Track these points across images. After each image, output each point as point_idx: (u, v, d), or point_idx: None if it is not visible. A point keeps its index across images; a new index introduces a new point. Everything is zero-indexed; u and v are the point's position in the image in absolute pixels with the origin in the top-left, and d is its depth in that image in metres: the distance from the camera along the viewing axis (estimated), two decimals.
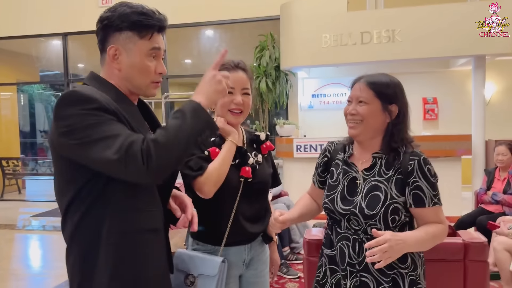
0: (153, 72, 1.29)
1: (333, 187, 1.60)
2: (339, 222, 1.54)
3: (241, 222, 1.65)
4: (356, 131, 1.53)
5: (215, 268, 1.54)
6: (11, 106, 9.70)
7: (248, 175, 1.66)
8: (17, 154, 9.47)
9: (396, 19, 5.82)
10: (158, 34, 1.29)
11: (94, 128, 1.11)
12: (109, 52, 1.26)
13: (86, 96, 1.14)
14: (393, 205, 1.45)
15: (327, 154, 1.70)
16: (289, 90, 6.85)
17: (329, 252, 1.60)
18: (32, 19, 8.05)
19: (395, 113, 1.51)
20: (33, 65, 9.98)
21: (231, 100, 1.66)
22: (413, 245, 1.40)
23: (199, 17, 7.37)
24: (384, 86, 1.51)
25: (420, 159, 1.47)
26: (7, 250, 5.42)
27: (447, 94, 7.64)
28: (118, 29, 1.25)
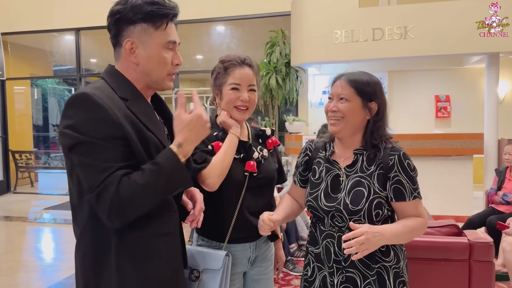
0: (169, 63, 1.29)
1: (316, 184, 1.62)
2: (323, 219, 1.56)
3: (246, 216, 1.66)
4: (337, 128, 1.56)
5: (219, 262, 1.55)
6: (25, 100, 9.83)
7: (253, 169, 1.66)
8: (30, 147, 9.60)
9: (408, 16, 5.75)
10: (171, 23, 1.29)
11: (87, 148, 1.12)
12: (126, 46, 1.25)
13: (94, 102, 1.13)
14: (377, 199, 1.48)
15: (308, 152, 1.72)
16: (299, 87, 6.83)
17: (315, 250, 1.62)
18: (46, 15, 8.14)
19: (375, 111, 1.55)
20: (46, 60, 10.09)
21: (238, 97, 1.66)
22: (390, 237, 1.43)
23: (210, 13, 7.37)
24: (365, 84, 1.55)
25: (400, 153, 1.51)
26: (18, 242, 5.51)
27: (460, 92, 7.53)
28: (131, 22, 1.23)
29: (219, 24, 8.28)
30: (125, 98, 1.22)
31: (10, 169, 8.83)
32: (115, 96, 1.20)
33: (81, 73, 8.49)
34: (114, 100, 1.18)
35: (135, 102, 1.24)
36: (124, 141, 1.15)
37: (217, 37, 8.73)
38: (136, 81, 1.28)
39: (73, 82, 10.57)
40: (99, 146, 1.12)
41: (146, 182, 1.13)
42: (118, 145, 1.14)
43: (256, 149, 1.73)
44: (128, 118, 1.18)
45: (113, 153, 1.13)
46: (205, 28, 8.43)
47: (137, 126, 1.19)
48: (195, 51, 9.89)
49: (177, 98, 1.25)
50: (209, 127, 1.26)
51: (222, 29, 8.53)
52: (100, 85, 1.24)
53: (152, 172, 1.15)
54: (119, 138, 1.14)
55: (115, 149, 1.14)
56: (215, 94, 1.74)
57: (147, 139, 1.21)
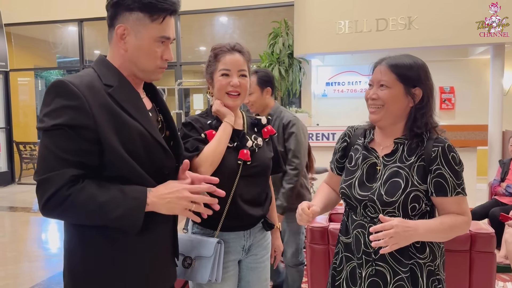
0: (160, 58, 1.25)
1: (351, 172, 1.54)
2: (355, 208, 1.50)
3: (239, 204, 1.65)
4: (377, 116, 1.46)
5: (211, 249, 1.56)
6: (29, 91, 9.85)
7: (247, 158, 1.66)
8: (34, 138, 9.63)
9: (413, 6, 5.69)
10: (170, 18, 1.25)
11: (52, 134, 1.11)
12: (117, 31, 1.23)
13: (68, 90, 1.12)
14: (414, 192, 1.39)
15: (347, 138, 1.63)
16: (302, 78, 6.80)
17: (345, 239, 1.55)
18: (49, 5, 8.13)
19: (419, 97, 1.43)
20: (50, 51, 10.09)
21: (228, 83, 1.66)
22: (424, 233, 1.34)
23: (213, 3, 7.33)
24: (407, 68, 1.43)
25: (445, 145, 1.40)
26: (22, 232, 5.55)
27: (465, 84, 7.48)
28: (128, 8, 1.20)
29: (222, 15, 8.24)
30: (110, 85, 1.20)
31: (14, 160, 8.88)
32: (96, 84, 1.18)
33: (84, 64, 8.48)
34: (93, 88, 1.16)
35: (120, 89, 1.22)
36: (92, 133, 1.12)
37: (220, 28, 8.69)
38: (122, 68, 1.26)
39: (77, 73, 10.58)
40: (64, 134, 1.11)
41: (103, 203, 1.11)
42: (84, 135, 1.12)
43: (250, 138, 1.72)
44: (106, 107, 1.16)
45: (75, 144, 1.11)
46: (208, 19, 8.39)
47: (116, 115, 1.17)
48: (198, 42, 9.85)
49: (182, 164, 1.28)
50: (185, 205, 1.21)
51: (225, 20, 8.49)
52: (84, 73, 1.22)
53: (116, 199, 1.13)
54: (86, 129, 1.12)
55: (79, 141, 1.11)
56: (208, 83, 1.74)
57: (127, 127, 1.18)
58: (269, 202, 1.81)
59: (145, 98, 1.34)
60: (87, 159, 1.13)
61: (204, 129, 1.65)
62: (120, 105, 1.19)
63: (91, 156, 1.14)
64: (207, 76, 1.74)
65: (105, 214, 1.12)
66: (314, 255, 2.32)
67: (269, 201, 1.81)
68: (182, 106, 7.89)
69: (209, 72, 1.72)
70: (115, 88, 1.20)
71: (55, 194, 1.09)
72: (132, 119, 1.20)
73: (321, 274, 2.31)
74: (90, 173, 1.15)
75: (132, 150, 1.18)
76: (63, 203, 1.10)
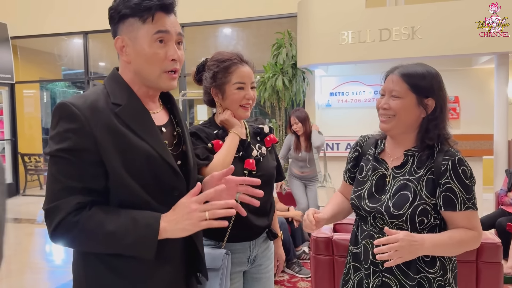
0: (163, 59, 1.17)
1: (361, 183, 1.53)
2: (365, 219, 1.49)
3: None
4: (388, 125, 1.44)
5: (219, 261, 1.54)
6: (34, 103, 9.91)
7: (252, 167, 1.66)
8: (39, 150, 9.67)
9: (416, 16, 5.71)
10: (164, 15, 1.17)
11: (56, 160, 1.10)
12: (116, 45, 1.19)
13: (70, 113, 1.09)
14: (422, 206, 1.37)
15: (358, 148, 1.62)
16: (306, 88, 6.80)
17: (354, 249, 1.54)
18: (54, 18, 8.22)
19: (432, 108, 1.40)
20: (55, 63, 10.18)
21: (243, 96, 1.66)
22: (431, 248, 1.31)
23: (216, 15, 7.38)
24: (420, 78, 1.40)
25: (455, 159, 1.36)
26: (26, 244, 5.55)
27: (469, 93, 7.45)
28: (121, 18, 1.16)
29: (226, 27, 8.29)
30: (118, 104, 1.16)
31: (19, 172, 8.91)
32: (101, 104, 1.14)
33: (89, 77, 8.55)
34: (96, 109, 1.12)
35: (128, 108, 1.16)
36: (94, 155, 1.09)
37: (223, 40, 8.74)
38: (132, 82, 1.21)
39: (82, 85, 10.65)
40: (66, 160, 1.09)
41: (113, 231, 1.08)
42: (87, 158, 1.09)
43: (254, 147, 1.72)
44: (110, 128, 1.12)
45: (79, 169, 1.09)
46: (212, 31, 8.45)
47: (120, 136, 1.13)
48: (202, 53, 9.88)
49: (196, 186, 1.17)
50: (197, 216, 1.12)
51: (229, 32, 8.55)
52: (91, 92, 1.19)
53: (126, 227, 1.09)
54: (88, 151, 1.09)
55: (82, 165, 1.09)
56: (214, 94, 1.70)
57: (133, 148, 1.14)
58: (273, 211, 1.80)
59: (161, 111, 1.29)
60: (93, 183, 1.11)
61: (209, 139, 1.65)
62: (127, 125, 1.14)
63: (96, 180, 1.11)
64: (213, 87, 1.69)
65: (116, 242, 1.09)
66: (318, 266, 2.29)
67: (273, 210, 1.81)
68: (186, 117, 7.91)
69: (218, 84, 1.67)
70: (123, 107, 1.15)
71: (62, 221, 1.07)
72: (140, 140, 1.15)
73: (326, 284, 2.29)
74: (98, 197, 1.12)
75: (136, 172, 1.13)
76: (72, 230, 1.07)
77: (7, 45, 8.39)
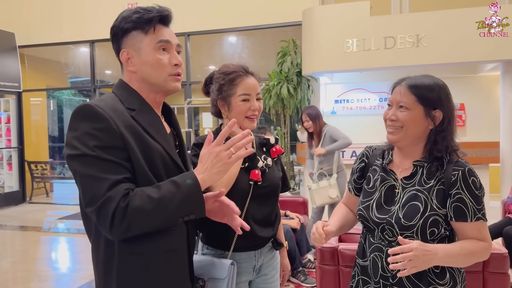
0: (167, 64, 1.27)
1: (369, 193, 1.52)
2: (373, 231, 1.47)
3: (251, 225, 1.64)
4: (396, 137, 1.44)
5: (224, 271, 1.55)
6: (41, 111, 10.00)
7: (258, 178, 1.66)
8: (46, 157, 9.74)
9: (421, 24, 5.71)
10: (163, 26, 1.28)
11: (89, 159, 1.12)
12: (122, 58, 1.28)
13: (96, 113, 1.14)
14: (433, 217, 1.36)
15: (365, 159, 1.61)
16: (311, 96, 6.81)
17: (362, 262, 1.52)
18: (62, 27, 8.31)
19: (439, 120, 1.41)
20: (62, 72, 10.29)
21: (249, 107, 1.67)
22: (443, 258, 1.31)
23: (222, 24, 7.43)
24: (428, 90, 1.40)
25: (465, 169, 1.37)
26: (32, 252, 5.56)
27: (475, 100, 7.42)
28: (124, 33, 1.27)
29: (231, 35, 8.34)
30: (132, 108, 1.24)
31: (26, 179, 8.96)
32: (120, 106, 1.22)
33: (95, 85, 8.61)
34: (117, 111, 1.19)
35: (142, 112, 1.25)
36: (124, 152, 1.15)
37: (229, 48, 8.79)
38: (141, 91, 1.29)
39: (88, 93, 10.74)
40: (100, 157, 1.12)
41: (160, 197, 1.12)
42: (118, 155, 1.14)
43: (260, 158, 1.73)
44: (131, 128, 1.19)
45: (114, 164, 1.13)
46: (217, 39, 8.50)
47: (140, 136, 1.20)
48: (207, 62, 9.97)
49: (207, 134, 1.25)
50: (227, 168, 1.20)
51: (234, 40, 8.59)
52: (106, 97, 1.25)
53: (169, 190, 1.14)
54: (119, 149, 1.15)
55: (116, 160, 1.14)
56: (220, 106, 1.72)
57: (151, 149, 1.21)
58: (278, 221, 1.80)
59: (164, 123, 1.36)
60: (130, 176, 1.16)
61: None
62: (144, 128, 1.22)
63: (130, 173, 1.16)
64: (220, 99, 1.71)
65: (166, 207, 1.13)
66: (324, 276, 2.29)
67: (279, 220, 1.81)
68: (192, 125, 7.94)
69: (224, 96, 1.69)
70: (138, 112, 1.24)
71: (116, 209, 1.09)
72: (155, 142, 1.23)
73: None
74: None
75: (155, 171, 1.21)
76: (126, 214, 1.09)
77: (15, 54, 8.48)
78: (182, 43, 7.89)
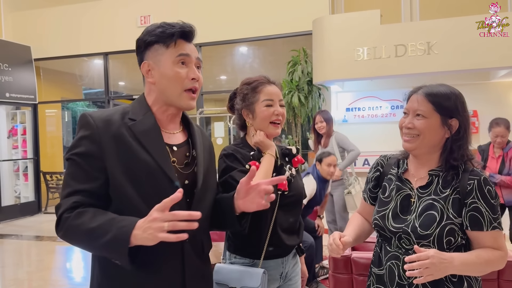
0: (184, 78, 1.30)
1: (385, 203, 1.52)
2: (389, 240, 1.47)
3: (279, 233, 1.69)
4: (412, 145, 1.44)
5: (258, 279, 1.59)
6: (56, 123, 10.14)
7: (285, 188, 1.70)
8: (61, 168, 9.85)
9: (432, 31, 5.71)
10: (184, 42, 1.33)
11: (70, 163, 1.24)
12: (142, 70, 1.33)
13: (86, 122, 1.24)
14: (449, 226, 1.36)
15: (380, 168, 1.61)
16: (322, 104, 6.83)
17: (377, 271, 1.52)
18: (76, 40, 8.47)
19: (455, 128, 1.41)
20: (76, 84, 10.44)
21: (273, 112, 1.71)
22: (459, 266, 1.30)
23: (233, 34, 7.50)
24: (445, 98, 1.40)
25: (481, 178, 1.37)
26: (48, 262, 5.63)
27: (488, 107, 7.34)
28: (147, 46, 1.32)
29: (242, 45, 8.41)
30: (134, 119, 1.28)
31: (41, 190, 9.07)
32: (116, 117, 1.27)
33: (109, 96, 8.73)
34: (110, 121, 1.25)
35: (142, 123, 1.28)
36: (99, 161, 1.21)
37: (240, 58, 8.86)
38: (155, 102, 1.34)
39: (102, 104, 10.88)
40: (76, 163, 1.22)
41: (93, 228, 1.15)
42: (92, 163, 1.21)
43: (286, 168, 1.77)
44: (118, 138, 1.24)
45: (83, 172, 1.21)
46: (229, 50, 8.58)
47: (127, 146, 1.24)
48: (219, 72, 10.05)
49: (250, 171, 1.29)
50: (157, 227, 1.09)
51: (245, 50, 8.66)
52: (113, 108, 1.33)
53: (104, 227, 1.14)
54: (94, 157, 1.21)
55: (88, 168, 1.21)
56: (245, 115, 1.78)
57: (136, 159, 1.23)
58: (302, 229, 1.84)
59: (180, 133, 1.39)
60: (96, 188, 1.21)
61: (245, 160, 1.70)
62: (137, 138, 1.26)
63: (99, 184, 1.21)
64: (244, 109, 1.77)
65: (93, 240, 1.16)
66: (337, 285, 2.29)
67: (302, 228, 1.85)
68: None
69: (247, 104, 1.75)
70: (137, 122, 1.28)
71: (60, 218, 1.20)
72: (145, 152, 1.25)
73: None
74: (98, 202, 1.22)
75: (137, 181, 1.23)
76: (64, 225, 1.18)
77: (31, 67, 8.66)
78: None
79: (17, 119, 9.01)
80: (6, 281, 4.63)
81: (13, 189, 8.90)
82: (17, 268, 5.30)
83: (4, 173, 8.62)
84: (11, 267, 5.40)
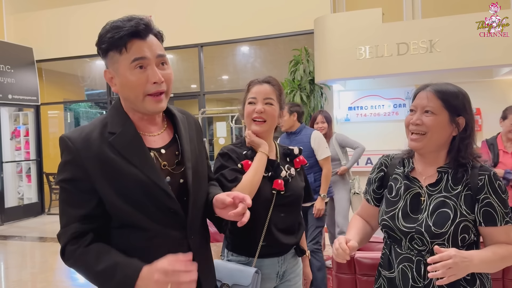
0: (145, 83, 1.19)
1: (393, 202, 1.48)
2: (399, 241, 1.44)
3: (274, 233, 1.69)
4: (419, 144, 1.42)
5: (249, 278, 1.60)
6: (59, 124, 10.17)
7: (281, 188, 1.70)
8: None
9: (434, 29, 5.69)
10: (139, 41, 1.19)
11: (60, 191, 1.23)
12: (106, 78, 1.26)
13: (66, 146, 1.21)
14: (464, 223, 1.35)
15: (384, 168, 1.58)
16: (324, 103, 6.81)
17: (388, 274, 1.48)
18: (77, 41, 8.47)
19: (462, 126, 1.40)
20: (78, 85, 10.45)
21: (253, 109, 1.73)
22: (479, 264, 1.29)
23: (234, 34, 7.50)
24: (453, 96, 1.40)
25: (491, 173, 1.37)
26: (51, 263, 5.64)
27: (491, 105, 7.31)
28: (104, 52, 1.23)
29: (243, 45, 8.41)
30: (113, 132, 1.22)
31: (44, 191, 9.10)
32: (94, 135, 1.21)
33: (111, 97, 8.74)
34: (89, 140, 1.20)
35: (122, 135, 1.22)
36: (87, 184, 1.18)
37: (241, 58, 8.85)
38: (127, 110, 1.27)
39: (105, 105, 10.90)
40: (66, 190, 1.21)
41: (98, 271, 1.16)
42: (81, 187, 1.19)
43: (283, 168, 1.76)
44: (101, 157, 1.18)
45: (75, 197, 1.20)
46: (230, 49, 8.58)
47: (110, 163, 1.19)
48: (221, 72, 10.04)
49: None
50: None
51: (247, 50, 8.65)
52: (91, 123, 1.27)
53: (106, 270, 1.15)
54: (81, 180, 1.19)
55: (77, 193, 1.19)
56: (241, 115, 1.83)
57: (123, 175, 1.19)
58: (302, 230, 1.84)
59: (164, 132, 1.32)
60: (91, 210, 1.19)
61: (240, 159, 1.71)
62: (119, 153, 1.20)
63: (94, 206, 1.20)
64: (242, 108, 1.83)
65: (100, 283, 1.19)
66: (340, 285, 2.28)
67: (302, 229, 1.84)
68: (206, 134, 7.99)
69: (242, 104, 1.81)
70: (117, 136, 1.21)
71: (63, 249, 1.20)
72: (131, 166, 1.20)
73: None
74: (99, 223, 1.21)
75: (129, 196, 1.19)
76: (69, 259, 1.20)
77: (33, 69, 8.68)
78: (195, 54, 7.99)
79: (20, 121, 9.04)
80: (10, 283, 4.64)
81: (16, 190, 8.93)
82: (20, 270, 5.31)
83: (7, 174, 8.64)
84: (14, 268, 5.42)
